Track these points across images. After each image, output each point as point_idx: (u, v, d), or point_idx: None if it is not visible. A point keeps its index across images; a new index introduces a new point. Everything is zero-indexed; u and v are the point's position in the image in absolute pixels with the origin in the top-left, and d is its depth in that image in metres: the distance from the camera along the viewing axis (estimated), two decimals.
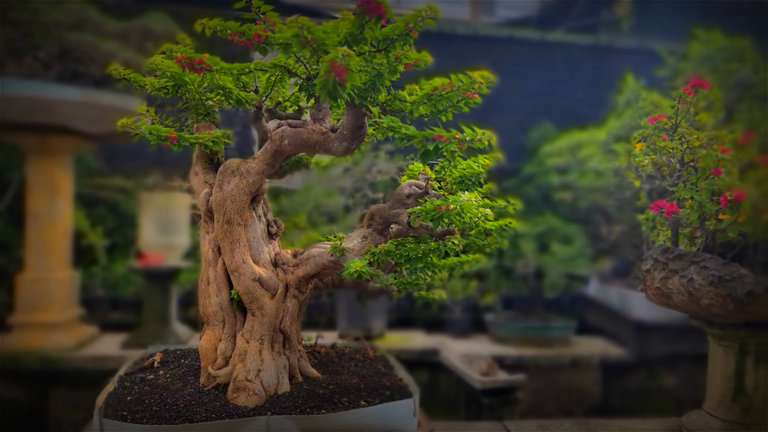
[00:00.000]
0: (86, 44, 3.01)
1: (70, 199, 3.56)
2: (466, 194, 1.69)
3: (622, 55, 8.22)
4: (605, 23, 9.16)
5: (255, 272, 1.93)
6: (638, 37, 8.62)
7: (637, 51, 8.19)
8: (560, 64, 7.91)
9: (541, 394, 3.65)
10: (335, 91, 1.53)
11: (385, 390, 1.99)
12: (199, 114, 2.03)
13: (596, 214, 4.69)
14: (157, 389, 1.91)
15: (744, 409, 2.29)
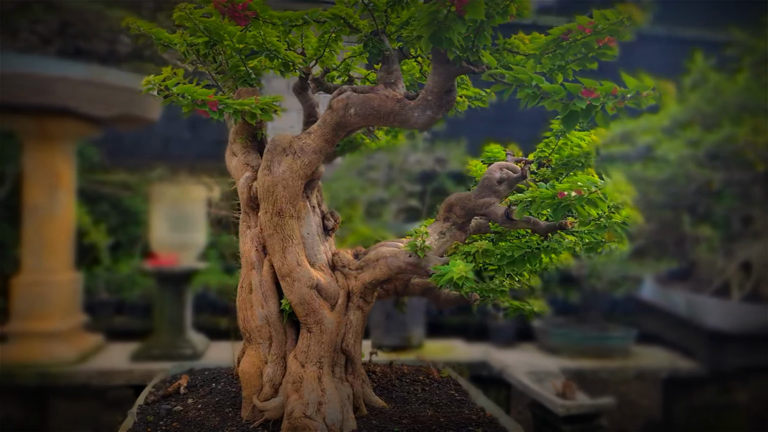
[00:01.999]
0: (91, 15, 2.60)
1: (72, 191, 3.14)
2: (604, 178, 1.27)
3: (650, 43, 7.82)
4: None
5: (312, 277, 1.51)
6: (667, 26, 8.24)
7: (666, 39, 7.80)
8: None
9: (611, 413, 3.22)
10: (444, 30, 1.12)
11: (473, 426, 1.57)
12: (237, 78, 1.62)
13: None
14: (190, 426, 1.49)
15: None
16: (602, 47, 1.25)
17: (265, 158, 1.52)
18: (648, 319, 3.94)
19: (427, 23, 1.07)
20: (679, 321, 3.58)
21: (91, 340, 3.19)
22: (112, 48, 2.90)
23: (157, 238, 3.15)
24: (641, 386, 3.69)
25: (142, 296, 4.64)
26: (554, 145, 1.59)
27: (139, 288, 4.61)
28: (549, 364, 2.97)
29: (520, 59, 1.33)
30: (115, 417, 3.74)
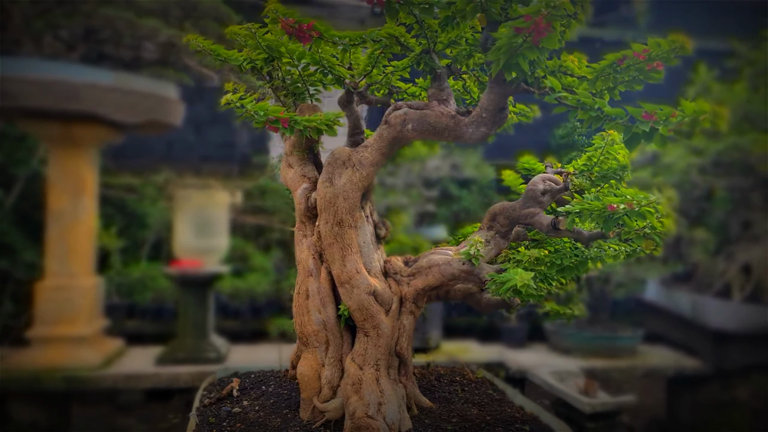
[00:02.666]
0: (119, 21, 2.65)
1: (94, 197, 3.17)
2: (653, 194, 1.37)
3: None
4: (623, 19, 8.97)
5: (370, 284, 1.59)
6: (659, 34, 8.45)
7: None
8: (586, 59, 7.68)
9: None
10: (515, 60, 1.20)
11: (519, 424, 1.67)
12: (297, 94, 1.69)
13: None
14: (254, 427, 1.56)
15: None
16: (651, 70, 1.35)
17: (326, 171, 1.59)
18: (652, 319, 4.07)
19: (505, 51, 1.16)
20: (683, 321, 3.71)
21: (113, 345, 3.23)
22: (137, 54, 2.94)
23: (181, 242, 3.19)
24: (646, 384, 3.82)
25: (154, 299, 4.67)
26: (595, 159, 1.69)
27: (150, 291, 4.64)
28: (567, 364, 3.08)
29: (573, 81, 1.42)
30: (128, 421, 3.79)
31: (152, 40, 2.79)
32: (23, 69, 2.76)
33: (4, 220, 4.07)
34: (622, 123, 1.20)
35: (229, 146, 6.81)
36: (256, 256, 5.19)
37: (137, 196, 5.80)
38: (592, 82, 1.38)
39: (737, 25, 8.12)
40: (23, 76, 2.69)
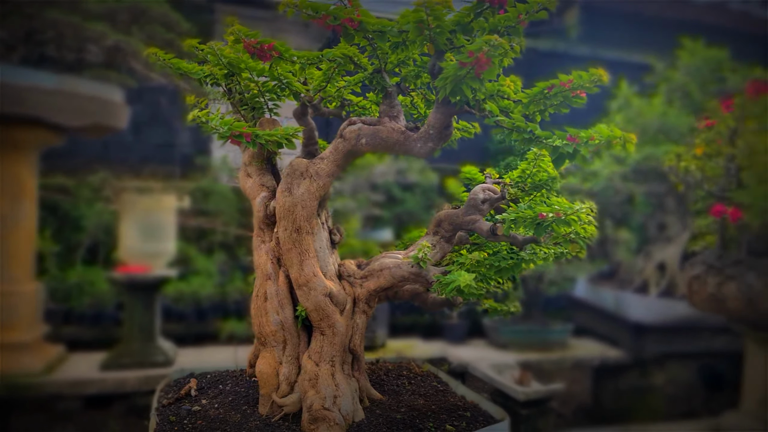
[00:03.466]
0: (65, 25, 2.61)
1: (34, 201, 3.10)
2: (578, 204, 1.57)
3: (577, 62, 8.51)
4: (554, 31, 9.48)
5: (326, 286, 1.71)
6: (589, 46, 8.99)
7: (591, 59, 8.52)
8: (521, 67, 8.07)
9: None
10: (460, 88, 1.37)
11: (461, 411, 1.84)
12: (255, 108, 1.79)
13: None
14: (215, 423, 1.65)
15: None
16: (575, 97, 1.55)
17: (285, 181, 1.70)
18: (581, 314, 4.40)
19: (451, 80, 1.31)
20: (607, 315, 4.05)
21: (54, 351, 3.17)
22: (80, 56, 2.90)
23: (127, 247, 3.18)
24: (574, 374, 4.13)
25: (92, 304, 4.56)
26: (528, 171, 1.88)
27: (88, 296, 4.52)
28: (504, 358, 3.30)
29: (509, 104, 1.60)
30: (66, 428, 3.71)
31: (98, 43, 2.77)
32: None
33: None
34: (550, 144, 1.39)
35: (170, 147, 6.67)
36: (199, 259, 5.15)
37: (71, 197, 5.61)
38: (526, 105, 1.56)
39: (660, 40, 8.76)
40: None
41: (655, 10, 11.04)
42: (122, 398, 3.36)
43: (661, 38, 9.80)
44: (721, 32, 11.22)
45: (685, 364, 3.87)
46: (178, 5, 5.72)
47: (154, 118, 6.08)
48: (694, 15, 11.58)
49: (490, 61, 1.26)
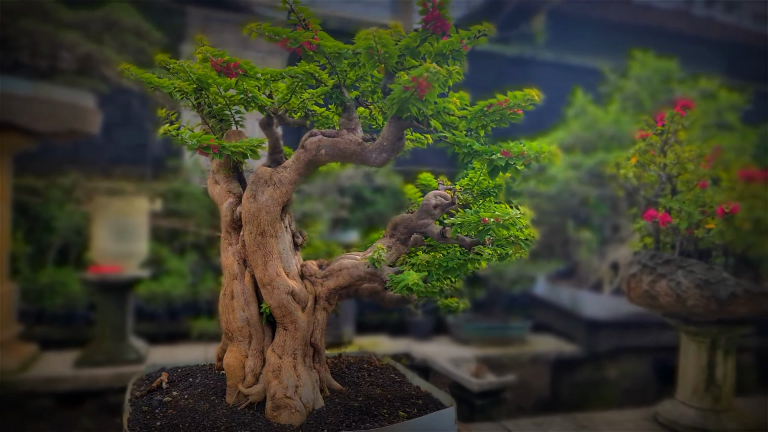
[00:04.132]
0: (39, 33, 2.70)
1: (7, 203, 3.17)
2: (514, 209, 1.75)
3: (542, 67, 8.81)
4: (522, 37, 9.75)
5: (288, 285, 1.86)
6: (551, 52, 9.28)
7: (556, 64, 8.81)
8: (489, 72, 8.31)
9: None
10: (406, 107, 1.53)
11: (414, 399, 2.00)
12: (223, 120, 1.92)
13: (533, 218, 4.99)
14: (185, 412, 1.78)
15: (715, 398, 2.57)
16: (512, 114, 1.72)
17: (250, 188, 1.84)
18: (541, 311, 4.63)
19: (396, 101, 1.48)
20: (564, 312, 4.28)
21: (28, 350, 3.24)
22: (53, 63, 2.98)
23: (100, 248, 3.27)
24: (533, 368, 4.35)
25: (64, 305, 4.61)
26: (476, 179, 2.06)
27: (60, 297, 4.58)
28: (464, 353, 3.48)
29: (454, 119, 1.77)
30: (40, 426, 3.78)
31: (71, 51, 2.86)
32: None
33: None
34: (486, 157, 1.56)
35: (141, 148, 6.71)
36: (171, 259, 5.24)
37: (42, 199, 5.62)
38: (468, 121, 1.73)
39: (625, 45, 9.08)
40: None
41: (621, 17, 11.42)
42: (94, 396, 3.45)
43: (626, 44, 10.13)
44: (684, 38, 11.66)
45: (637, 358, 4.11)
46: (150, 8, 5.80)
47: (126, 119, 6.12)
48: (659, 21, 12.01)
49: (431, 85, 1.42)
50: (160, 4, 6.57)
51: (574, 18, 10.39)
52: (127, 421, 1.74)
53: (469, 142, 1.57)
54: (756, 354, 4.37)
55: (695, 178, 2.38)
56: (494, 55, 8.09)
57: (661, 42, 12.17)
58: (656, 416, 2.72)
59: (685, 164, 2.37)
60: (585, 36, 10.35)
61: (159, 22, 6.54)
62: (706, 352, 2.59)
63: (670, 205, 2.37)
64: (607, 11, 11.04)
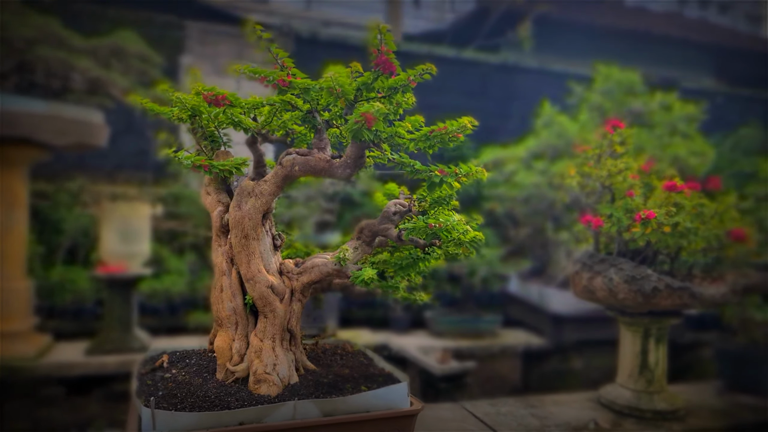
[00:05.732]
0: (55, 61, 3.06)
1: (26, 209, 3.54)
2: (455, 216, 2.11)
3: (526, 74, 9.17)
4: (509, 43, 10.09)
5: (268, 280, 2.22)
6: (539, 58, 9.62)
7: (539, 71, 9.16)
8: (473, 80, 8.68)
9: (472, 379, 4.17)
10: (360, 134, 1.90)
11: (376, 377, 2.36)
12: (213, 141, 2.29)
13: (505, 219, 5.35)
14: (183, 385, 2.14)
15: (648, 381, 2.94)
16: (452, 138, 2.08)
17: (236, 198, 2.21)
18: (514, 307, 4.99)
19: (350, 130, 1.84)
20: (533, 308, 4.63)
21: (43, 340, 3.61)
22: (66, 84, 3.34)
23: (107, 249, 3.64)
24: (505, 359, 4.71)
25: (74, 300, 4.99)
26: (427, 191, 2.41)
27: (70, 293, 4.95)
28: (437, 344, 3.85)
29: (404, 141, 2.13)
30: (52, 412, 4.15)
31: (82, 75, 3.22)
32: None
33: None
34: (425, 175, 1.92)
35: (143, 155, 7.08)
36: (171, 259, 5.61)
37: (51, 202, 5.99)
38: (416, 143, 2.10)
39: (614, 49, 9.41)
40: None
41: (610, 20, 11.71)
42: (102, 385, 3.82)
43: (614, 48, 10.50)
44: (674, 42, 11.91)
45: (598, 350, 4.47)
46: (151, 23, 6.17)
47: (128, 128, 6.50)
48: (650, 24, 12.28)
49: (376, 118, 1.78)
50: (161, 19, 6.94)
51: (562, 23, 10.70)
52: (135, 391, 2.10)
53: (412, 162, 1.93)
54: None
55: (624, 187, 2.75)
56: (478, 62, 8.46)
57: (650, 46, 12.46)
58: (599, 398, 3.09)
59: (615, 176, 2.73)
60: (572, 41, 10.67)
61: (160, 36, 6.92)
62: (639, 340, 2.95)
63: (603, 211, 2.73)
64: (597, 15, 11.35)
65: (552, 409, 2.96)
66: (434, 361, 3.10)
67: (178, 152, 1.94)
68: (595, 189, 2.91)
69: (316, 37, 7.64)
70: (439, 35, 10.43)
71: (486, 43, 9.86)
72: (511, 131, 7.00)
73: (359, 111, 1.79)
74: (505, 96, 8.79)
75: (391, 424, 2.14)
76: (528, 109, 5.63)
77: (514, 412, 2.87)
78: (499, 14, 10.34)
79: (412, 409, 2.20)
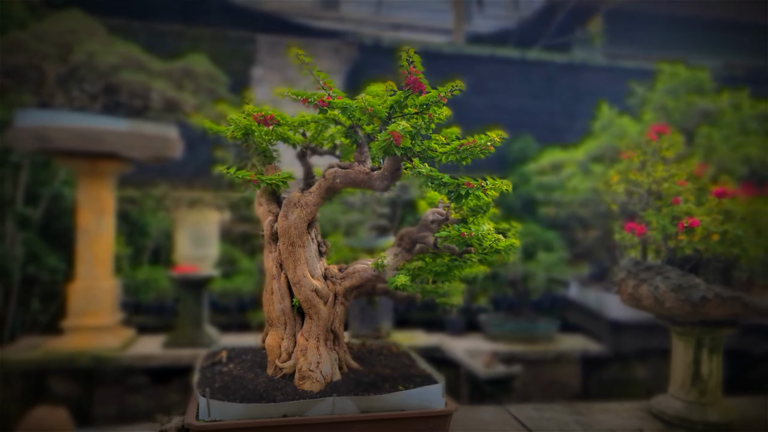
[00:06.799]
0: (136, 83, 3.44)
1: (113, 215, 3.97)
2: (485, 225, 2.19)
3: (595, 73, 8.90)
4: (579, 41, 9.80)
5: (313, 284, 2.41)
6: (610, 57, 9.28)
7: (609, 69, 8.86)
8: (538, 80, 8.55)
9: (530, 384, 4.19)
10: (390, 150, 2.04)
11: (415, 378, 2.48)
12: (265, 157, 2.51)
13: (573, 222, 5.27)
14: (236, 379, 2.37)
15: (701, 392, 2.86)
16: (483, 150, 2.17)
17: (283, 209, 2.41)
18: (572, 313, 4.92)
19: (381, 147, 1.98)
20: (591, 314, 4.56)
21: (127, 333, 4.02)
22: (146, 103, 3.73)
23: (180, 252, 4.00)
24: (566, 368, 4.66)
25: (156, 298, 5.47)
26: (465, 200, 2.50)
27: (153, 291, 5.43)
28: (486, 347, 3.90)
29: (437, 154, 2.24)
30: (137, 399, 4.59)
31: (160, 94, 3.58)
32: (58, 119, 3.56)
33: (31, 232, 4.85)
34: (453, 187, 2.03)
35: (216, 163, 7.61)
36: (242, 259, 5.99)
37: (138, 207, 6.57)
38: (447, 156, 2.20)
39: (689, 40, 8.94)
40: (59, 125, 3.49)
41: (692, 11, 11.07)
42: (180, 375, 4.20)
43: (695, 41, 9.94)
44: (745, 27, 11.05)
45: (660, 358, 4.33)
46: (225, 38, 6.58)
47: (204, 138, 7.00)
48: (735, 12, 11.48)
49: (403, 136, 1.91)
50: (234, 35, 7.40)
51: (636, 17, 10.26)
52: (196, 383, 2.35)
53: (440, 175, 2.04)
54: None
55: (671, 194, 2.71)
56: (543, 62, 8.32)
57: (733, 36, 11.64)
58: (650, 408, 3.04)
59: (661, 183, 2.70)
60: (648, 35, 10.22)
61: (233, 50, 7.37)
62: (692, 350, 2.87)
63: (648, 218, 2.71)
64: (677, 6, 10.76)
65: (598, 417, 2.95)
66: (480, 365, 3.17)
67: (230, 168, 2.15)
68: (641, 195, 2.88)
69: (379, 44, 7.83)
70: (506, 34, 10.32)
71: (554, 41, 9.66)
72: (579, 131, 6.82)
73: (388, 129, 1.93)
74: (573, 96, 8.59)
75: (425, 422, 2.25)
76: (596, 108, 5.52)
77: (559, 418, 2.89)
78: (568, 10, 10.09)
79: (446, 409, 2.30)
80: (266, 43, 7.28)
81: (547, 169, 4.99)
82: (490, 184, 2.02)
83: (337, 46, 7.30)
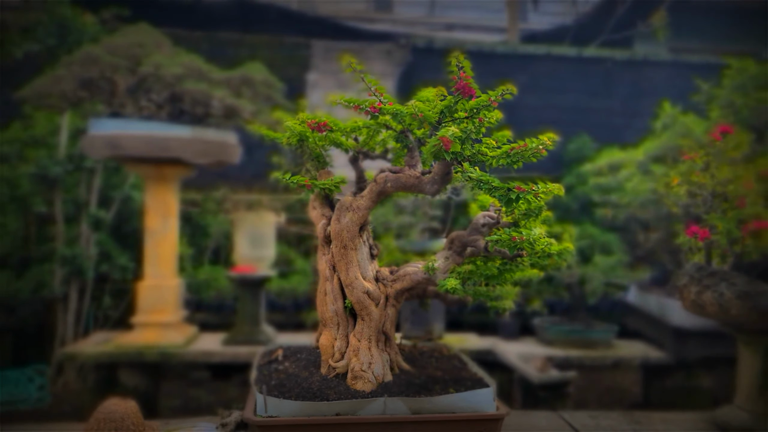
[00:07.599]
0: (198, 92, 3.62)
1: (176, 217, 4.18)
2: (536, 229, 2.17)
3: (657, 68, 8.54)
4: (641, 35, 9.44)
5: (364, 286, 2.46)
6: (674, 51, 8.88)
7: (672, 64, 8.48)
8: (596, 77, 8.29)
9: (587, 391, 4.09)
10: (440, 154, 2.06)
11: (466, 381, 2.49)
12: (319, 162, 2.58)
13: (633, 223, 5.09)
14: (291, 377, 2.46)
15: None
16: (535, 154, 2.15)
17: (336, 213, 2.47)
18: (632, 318, 4.76)
19: (431, 152, 2.00)
20: (652, 320, 4.39)
21: (190, 330, 4.22)
22: (207, 110, 3.91)
23: (239, 253, 4.16)
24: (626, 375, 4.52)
25: (216, 297, 5.71)
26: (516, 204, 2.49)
27: (213, 290, 5.67)
28: (540, 352, 3.84)
29: (487, 158, 2.24)
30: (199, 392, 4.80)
31: (220, 102, 3.75)
32: (128, 127, 3.79)
33: (104, 233, 5.17)
34: (502, 191, 2.02)
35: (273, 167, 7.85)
36: (298, 260, 6.14)
37: (200, 209, 6.86)
38: (497, 160, 2.20)
39: (733, 43, 8.50)
40: (129, 133, 3.71)
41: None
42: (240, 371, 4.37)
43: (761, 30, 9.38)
44: None
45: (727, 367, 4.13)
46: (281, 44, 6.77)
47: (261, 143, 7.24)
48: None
49: (452, 141, 1.93)
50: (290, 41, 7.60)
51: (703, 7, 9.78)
52: (253, 380, 2.46)
53: (489, 179, 2.05)
54: None
55: (737, 196, 2.59)
56: (601, 59, 8.06)
57: None
58: (714, 419, 2.91)
59: (727, 185, 2.59)
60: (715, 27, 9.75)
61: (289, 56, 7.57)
62: (760, 359, 2.73)
63: (713, 221, 2.60)
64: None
65: (658, 427, 2.85)
66: (533, 369, 3.12)
67: (285, 174, 2.23)
68: (705, 198, 2.77)
69: (432, 46, 7.83)
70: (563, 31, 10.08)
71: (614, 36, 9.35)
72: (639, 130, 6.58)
73: (438, 135, 1.95)
74: (633, 93, 8.28)
75: (476, 426, 2.26)
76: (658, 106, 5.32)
77: (615, 426, 2.82)
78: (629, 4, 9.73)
79: (496, 413, 2.29)
80: (321, 48, 7.44)
81: (604, 169, 4.84)
82: (542, 188, 2.01)
83: (389, 49, 7.36)
